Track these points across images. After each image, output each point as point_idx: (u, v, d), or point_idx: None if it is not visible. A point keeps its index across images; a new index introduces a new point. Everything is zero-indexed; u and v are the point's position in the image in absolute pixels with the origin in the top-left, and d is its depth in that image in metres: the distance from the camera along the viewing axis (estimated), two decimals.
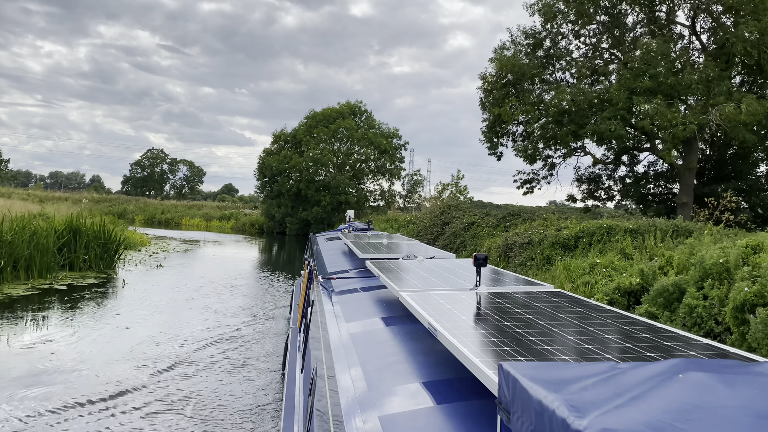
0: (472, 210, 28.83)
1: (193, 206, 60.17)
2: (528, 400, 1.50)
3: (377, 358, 3.13)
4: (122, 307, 11.81)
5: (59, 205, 31.70)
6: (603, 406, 1.33)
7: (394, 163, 46.12)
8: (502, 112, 25.78)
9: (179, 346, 8.94)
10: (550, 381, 1.55)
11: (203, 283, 14.83)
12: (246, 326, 10.59)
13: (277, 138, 46.87)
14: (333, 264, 7.54)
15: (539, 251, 18.64)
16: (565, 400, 1.39)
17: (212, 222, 53.60)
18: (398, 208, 48.19)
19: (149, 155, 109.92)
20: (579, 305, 3.21)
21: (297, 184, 44.19)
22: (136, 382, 7.09)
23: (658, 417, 1.26)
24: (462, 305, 3.16)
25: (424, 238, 29.82)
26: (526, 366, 1.72)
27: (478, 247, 24.85)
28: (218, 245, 30.98)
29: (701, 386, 1.44)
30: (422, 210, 44.56)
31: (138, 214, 56.52)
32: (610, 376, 1.55)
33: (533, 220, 24.63)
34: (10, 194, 51.56)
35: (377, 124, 46.49)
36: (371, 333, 3.62)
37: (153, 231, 39.70)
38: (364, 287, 5.29)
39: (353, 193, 44.96)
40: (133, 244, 22.96)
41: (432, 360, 2.89)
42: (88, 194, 71.72)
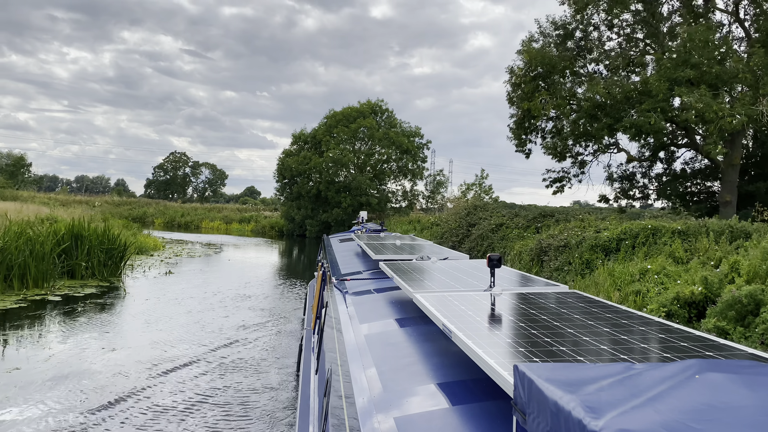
0: (500, 210, 27.38)
1: (213, 209, 59.48)
2: (544, 401, 1.47)
3: (392, 359, 3.10)
4: (115, 323, 10.67)
5: (75, 209, 31.01)
6: (619, 407, 1.31)
7: (416, 163, 44.75)
8: (531, 106, 24.33)
9: (164, 375, 7.58)
10: (565, 382, 1.53)
11: (212, 292, 13.72)
12: (249, 349, 9.09)
13: (296, 138, 45.82)
14: (346, 265, 7.46)
15: (577, 255, 17.17)
16: (581, 400, 1.37)
17: (232, 225, 52.80)
18: (421, 209, 46.81)
19: (172, 158, 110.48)
20: (594, 305, 3.17)
21: (317, 186, 43.08)
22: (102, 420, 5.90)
23: (675, 418, 1.23)
24: (476, 306, 3.14)
25: (448, 240, 28.48)
26: (541, 367, 1.70)
27: (508, 250, 23.43)
28: (235, 249, 29.97)
29: (718, 387, 1.40)
30: (445, 211, 43.19)
31: (158, 217, 56.01)
32: (626, 377, 1.53)
33: (567, 221, 23.14)
34: (32, 198, 51.55)
35: (398, 123, 45.18)
36: (385, 334, 3.59)
37: (170, 234, 38.96)
38: (377, 288, 5.21)
39: (374, 194, 43.71)
40: (146, 248, 22.03)
41: (447, 361, 2.85)
42: (110, 198, 71.72)
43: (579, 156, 30.55)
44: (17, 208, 22.62)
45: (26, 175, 71.97)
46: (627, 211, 29.96)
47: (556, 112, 25.81)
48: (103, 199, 65.40)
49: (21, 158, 70.48)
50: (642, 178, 31.47)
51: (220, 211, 57.64)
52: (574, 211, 24.38)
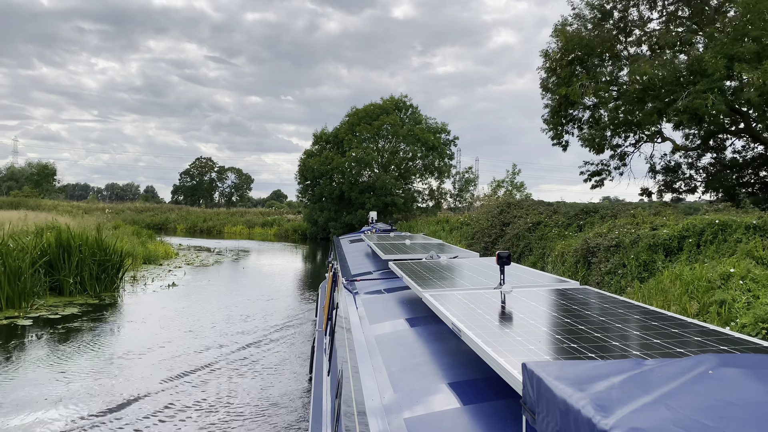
0: (537, 208, 25.22)
1: (236, 213, 58.26)
2: (553, 399, 1.45)
3: (402, 359, 3.06)
4: (79, 359, 8.55)
5: (87, 217, 29.84)
6: (630, 404, 1.28)
7: (443, 160, 42.63)
8: (570, 91, 22.16)
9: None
10: (575, 380, 1.50)
11: (214, 311, 12.00)
12: (241, 401, 6.83)
13: (318, 138, 44.12)
14: (356, 266, 7.35)
15: (633, 256, 14.99)
16: (590, 399, 1.33)
17: (254, 229, 51.45)
18: (449, 208, 44.71)
19: (197, 164, 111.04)
20: (605, 301, 3.12)
21: (339, 187, 41.29)
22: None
23: (687, 415, 1.20)
24: (486, 304, 3.10)
25: (480, 241, 26.43)
26: (550, 365, 1.66)
27: (548, 251, 21.30)
28: (253, 255, 28.37)
29: (733, 382, 1.36)
30: (474, 210, 41.08)
31: (180, 223, 55.03)
32: (637, 374, 1.49)
33: (614, 218, 20.91)
34: (55, 207, 51.16)
35: (424, 119, 43.13)
36: (396, 334, 3.54)
37: (190, 241, 37.66)
38: (387, 288, 5.14)
39: (400, 194, 41.78)
40: (155, 257, 20.51)
41: (457, 360, 2.82)
42: (133, 205, 71.27)
43: (618, 148, 28.38)
44: (21, 217, 21.36)
45: (52, 184, 72.04)
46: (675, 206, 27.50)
47: (596, 99, 23.57)
48: (126, 206, 64.83)
49: (45, 167, 70.59)
50: (688, 169, 29.11)
51: (243, 216, 56.35)
52: (621, 207, 22.12)
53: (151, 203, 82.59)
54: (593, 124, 27.34)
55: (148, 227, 53.85)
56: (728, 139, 26.98)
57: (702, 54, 18.72)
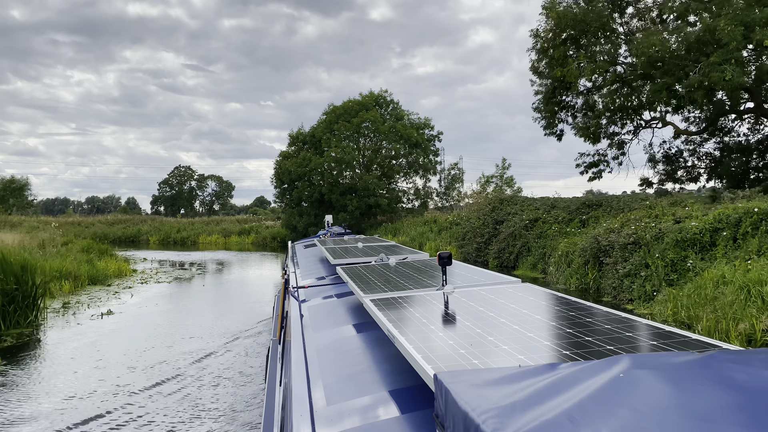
0: (533, 203, 22.94)
1: (211, 222, 55.38)
2: (457, 413, 1.40)
3: (340, 368, 2.94)
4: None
5: (42, 233, 27.15)
6: (531, 419, 1.23)
7: (428, 157, 40.25)
8: (566, 72, 19.89)
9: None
10: (483, 390, 1.46)
11: (144, 350, 9.10)
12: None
13: (294, 139, 41.52)
14: (308, 272, 7.23)
15: (657, 254, 12.65)
16: (492, 413, 1.30)
17: (231, 238, 48.67)
18: (436, 208, 42.35)
19: (176, 173, 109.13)
20: (545, 299, 3.06)
21: (319, 189, 38.74)
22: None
23: (589, 425, 1.16)
24: (426, 307, 3.04)
25: (472, 242, 24.09)
26: (461, 374, 1.64)
27: (549, 250, 19.01)
28: (221, 268, 25.77)
29: (642, 386, 1.33)
30: (463, 208, 38.80)
31: (153, 235, 52.15)
32: (548, 381, 1.45)
33: (621, 211, 18.64)
34: (20, 223, 48.30)
35: (406, 114, 40.76)
36: (337, 342, 3.46)
37: (158, 254, 34.95)
38: (337, 294, 5.01)
39: (383, 194, 39.33)
40: (105, 277, 17.91)
41: (395, 368, 2.72)
42: (112, 216, 68.18)
43: (615, 136, 26.34)
44: None
45: (21, 199, 68.67)
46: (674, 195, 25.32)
47: (597, 77, 21.33)
48: (97, 219, 61.82)
49: (11, 181, 67.25)
50: (690, 156, 27.13)
51: (219, 224, 53.55)
52: (628, 200, 19.89)
53: (130, 215, 79.73)
54: (587, 112, 25.23)
55: (118, 241, 51.18)
56: (735, 121, 25.00)
57: (715, 22, 16.52)
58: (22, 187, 67.89)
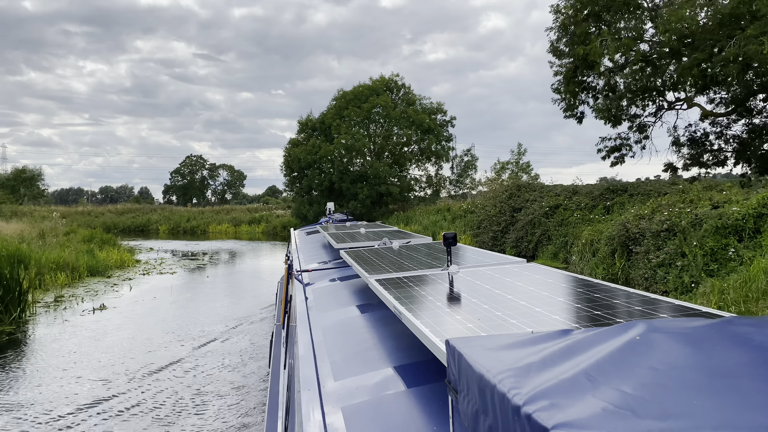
0: (553, 190, 21.90)
1: (221, 211, 54.76)
2: (472, 375, 1.38)
3: (346, 346, 2.98)
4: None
5: (47, 223, 26.55)
6: (549, 378, 1.21)
7: (441, 143, 39.18)
8: (589, 50, 18.75)
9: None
10: (496, 354, 1.43)
11: (126, 357, 8.16)
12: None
13: (303, 126, 40.60)
14: (311, 257, 7.17)
15: (695, 242, 11.61)
16: (508, 373, 1.27)
17: (241, 227, 48.01)
18: (449, 196, 41.32)
19: (188, 162, 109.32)
20: (551, 277, 3.04)
21: (329, 177, 37.85)
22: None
23: (608, 384, 1.13)
24: (431, 286, 3.02)
25: (488, 230, 23.11)
26: (473, 339, 1.61)
27: (571, 238, 18.01)
28: (228, 258, 24.97)
29: (659, 347, 1.28)
30: (477, 196, 37.75)
31: (162, 224, 51.63)
32: (562, 345, 1.39)
33: (647, 196, 17.56)
34: (30, 212, 48.05)
35: (417, 99, 39.66)
36: (343, 323, 3.46)
37: (166, 243, 34.31)
38: (340, 277, 5.08)
39: (395, 182, 38.35)
40: (105, 268, 17.18)
41: (401, 344, 2.76)
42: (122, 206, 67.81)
43: (636, 118, 25.23)
44: None
45: (33, 189, 68.54)
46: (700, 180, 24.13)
47: (619, 56, 20.18)
48: (107, 209, 61.45)
49: (22, 171, 67.10)
50: (716, 139, 25.90)
51: (229, 213, 52.89)
52: (656, 185, 18.80)
53: (142, 204, 79.48)
54: (608, 93, 24.11)
55: (128, 230, 50.75)
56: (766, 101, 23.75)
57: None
58: (33, 177, 67.73)
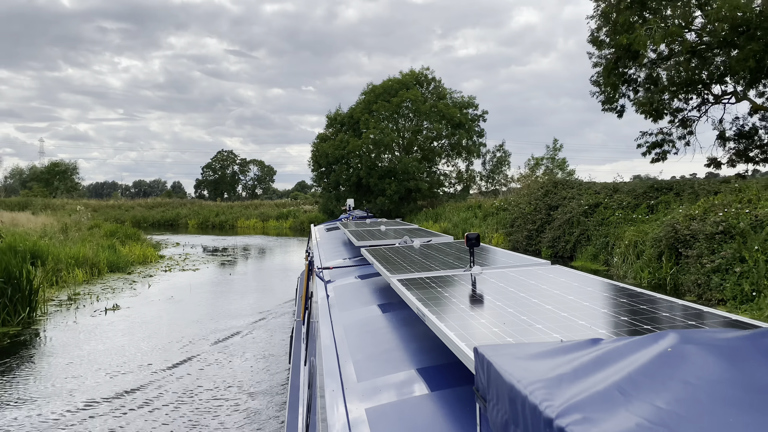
0: (592, 187, 20.80)
1: (250, 206, 54.58)
2: (502, 385, 1.36)
3: (369, 346, 2.95)
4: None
5: (76, 216, 26.46)
6: (581, 390, 1.19)
7: (472, 138, 38.16)
8: (633, 39, 17.64)
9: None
10: (527, 363, 1.40)
11: (122, 369, 7.36)
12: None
13: (332, 121, 40.00)
14: (331, 254, 7.14)
15: (757, 246, 10.55)
16: (539, 384, 1.25)
17: (269, 222, 47.74)
18: (479, 192, 40.29)
19: (219, 157, 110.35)
20: (576, 280, 2.94)
21: (356, 172, 37.19)
22: None
23: (641, 398, 1.12)
24: (454, 287, 2.98)
25: (522, 228, 22.12)
26: (503, 348, 1.56)
27: (612, 238, 16.97)
28: (254, 254, 24.47)
29: (692, 360, 1.24)
30: (507, 193, 36.64)
31: (191, 218, 51.71)
32: (593, 355, 1.36)
33: (696, 195, 16.41)
34: (62, 206, 48.62)
35: (448, 93, 38.69)
36: (365, 321, 3.45)
37: (194, 238, 34.10)
38: (361, 275, 5.01)
39: (424, 178, 37.51)
40: (127, 264, 16.79)
41: (424, 346, 2.71)
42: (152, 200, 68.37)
43: (679, 113, 23.96)
44: None
45: (66, 182, 69.65)
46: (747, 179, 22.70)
47: (664, 47, 19.00)
48: (137, 203, 61.96)
49: (56, 164, 68.17)
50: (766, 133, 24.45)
51: (257, 208, 52.71)
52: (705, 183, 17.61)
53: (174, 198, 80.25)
54: (650, 86, 22.89)
55: (157, 224, 50.97)
56: None
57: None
58: (66, 170, 68.74)
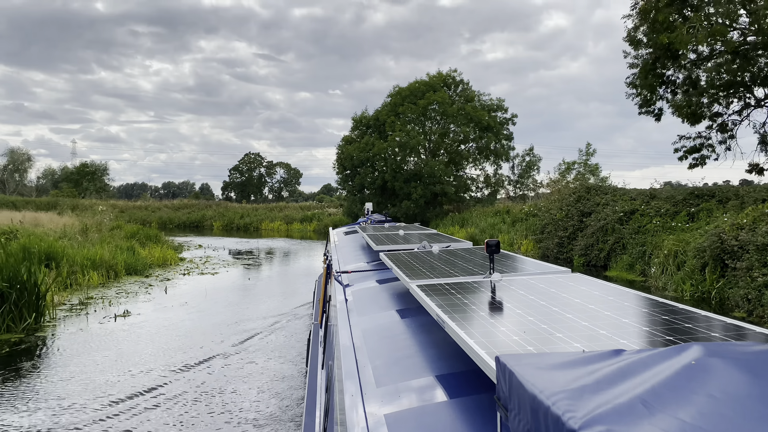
0: (628, 193, 19.87)
1: (275, 208, 54.39)
2: (524, 395, 1.35)
3: (388, 352, 2.93)
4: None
5: (99, 217, 26.40)
6: (604, 402, 1.18)
7: (500, 142, 37.30)
8: (674, 38, 16.74)
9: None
10: (549, 373, 1.40)
11: (112, 393, 6.58)
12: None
13: (357, 123, 39.50)
14: (350, 258, 7.13)
15: None
16: (562, 395, 1.24)
17: (293, 225, 47.45)
18: (508, 197, 39.38)
19: (246, 160, 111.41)
20: (597, 288, 2.92)
21: (382, 176, 36.61)
22: None
23: (665, 411, 1.11)
24: (473, 294, 2.98)
25: (553, 236, 21.27)
26: (525, 357, 1.57)
27: (650, 248, 16.06)
28: (275, 258, 24.02)
29: (717, 373, 1.23)
30: (535, 198, 35.70)
31: (216, 220, 51.73)
32: (616, 366, 1.36)
33: (742, 203, 15.42)
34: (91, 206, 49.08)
35: (476, 95, 37.90)
36: (384, 327, 3.44)
37: (218, 240, 33.89)
38: (379, 280, 5.00)
39: (450, 181, 36.76)
40: (144, 266, 16.45)
41: (443, 353, 2.68)
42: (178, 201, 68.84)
43: (718, 117, 22.86)
44: None
45: (95, 183, 70.61)
46: None
47: (706, 47, 18.04)
48: (163, 204, 62.34)
49: (84, 165, 69.11)
50: None
51: (282, 211, 52.51)
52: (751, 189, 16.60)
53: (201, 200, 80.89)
54: (689, 88, 21.86)
55: (183, 225, 51.11)
56: None
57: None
58: (95, 171, 69.65)
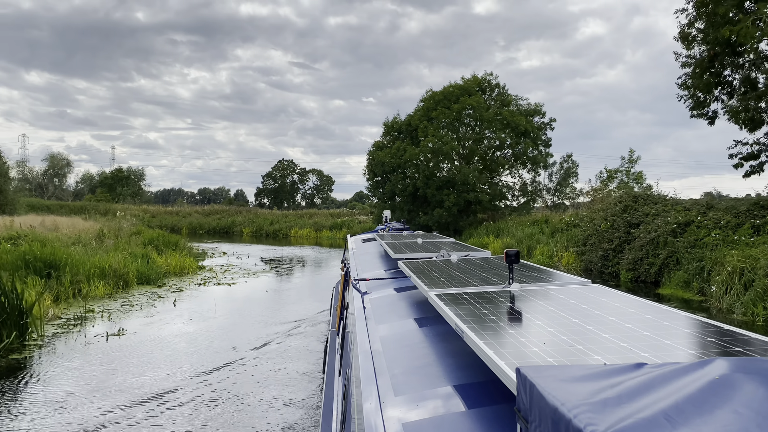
0: (681, 203, 18.19)
1: (304, 215, 53.64)
2: (545, 407, 1.34)
3: (406, 361, 2.93)
4: None
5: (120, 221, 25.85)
6: (626, 415, 1.17)
7: (538, 148, 35.66)
8: (737, 31, 15.11)
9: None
10: (570, 386, 1.39)
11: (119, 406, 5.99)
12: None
13: (389, 128, 38.36)
14: (368, 265, 7.14)
15: None
16: (584, 407, 1.23)
17: (322, 232, 46.55)
18: (546, 206, 37.65)
19: (279, 167, 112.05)
20: (618, 300, 2.89)
21: (413, 182, 35.35)
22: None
23: (689, 426, 1.10)
24: (492, 304, 2.96)
25: (597, 248, 19.63)
26: (546, 369, 1.57)
27: (709, 263, 14.39)
28: (297, 268, 22.92)
29: (740, 389, 1.22)
30: (573, 207, 33.92)
31: (246, 226, 51.21)
32: (638, 379, 1.37)
33: None
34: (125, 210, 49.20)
35: (513, 99, 36.37)
36: (402, 335, 3.43)
37: (245, 247, 33.07)
38: (397, 288, 5.01)
39: (485, 189, 35.26)
40: (159, 275, 15.55)
41: (462, 363, 2.69)
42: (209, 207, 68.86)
43: None
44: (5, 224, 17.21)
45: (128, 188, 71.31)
46: None
47: None
48: (194, 209, 62.27)
49: (119, 170, 69.78)
50: None
51: (311, 218, 51.70)
52: None
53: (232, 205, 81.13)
54: (747, 91, 20.05)
55: (212, 231, 50.79)
56: None
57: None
58: (129, 176, 70.28)
